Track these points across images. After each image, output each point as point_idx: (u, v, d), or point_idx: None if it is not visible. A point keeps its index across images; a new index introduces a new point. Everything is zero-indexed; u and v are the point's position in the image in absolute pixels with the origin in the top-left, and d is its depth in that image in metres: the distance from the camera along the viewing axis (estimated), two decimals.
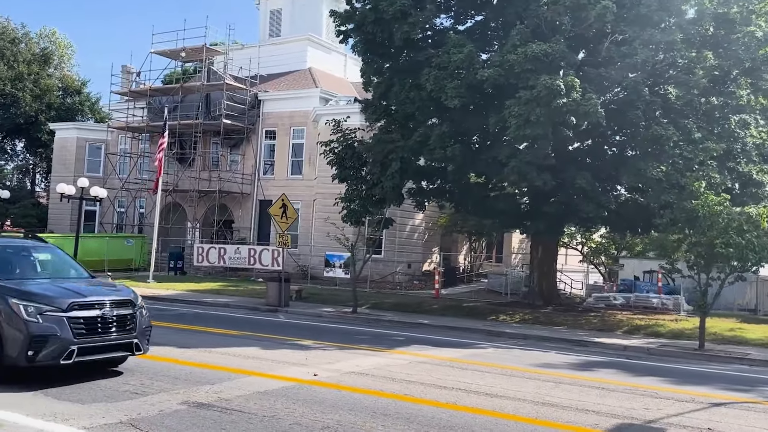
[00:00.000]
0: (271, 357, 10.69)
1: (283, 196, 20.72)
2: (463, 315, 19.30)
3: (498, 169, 16.71)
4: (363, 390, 8.38)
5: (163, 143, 27.48)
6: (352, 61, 40.89)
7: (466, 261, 37.86)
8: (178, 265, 30.89)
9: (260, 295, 23.60)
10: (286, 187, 33.99)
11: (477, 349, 13.04)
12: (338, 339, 13.38)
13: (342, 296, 23.95)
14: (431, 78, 16.25)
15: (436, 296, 25.86)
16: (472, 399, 8.18)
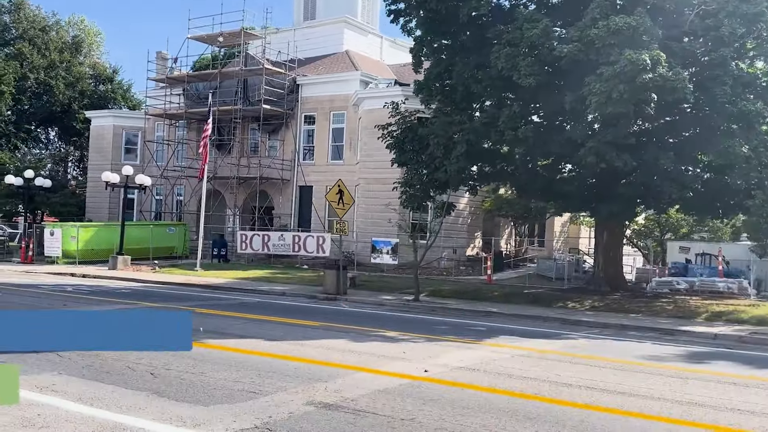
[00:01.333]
0: (366, 350, 10.19)
1: (339, 182, 20.18)
2: (527, 302, 18.68)
3: (572, 150, 15.96)
4: (487, 388, 7.83)
5: (207, 130, 27.04)
6: (387, 43, 40.17)
7: (508, 246, 37.14)
8: (221, 253, 30.61)
9: (311, 282, 23.23)
10: (326, 173, 33.53)
11: (568, 340, 12.43)
12: (419, 329, 12.86)
13: (395, 283, 23.48)
14: (502, 55, 15.50)
15: (488, 282, 25.30)
16: (607, 398, 7.59)
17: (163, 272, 25.62)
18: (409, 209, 30.09)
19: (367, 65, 35.03)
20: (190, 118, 36.24)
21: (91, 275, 24.20)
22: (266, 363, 8.97)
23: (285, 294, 20.04)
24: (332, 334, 11.81)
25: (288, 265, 29.64)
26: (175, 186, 37.08)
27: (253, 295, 19.46)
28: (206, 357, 9.24)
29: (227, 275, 24.64)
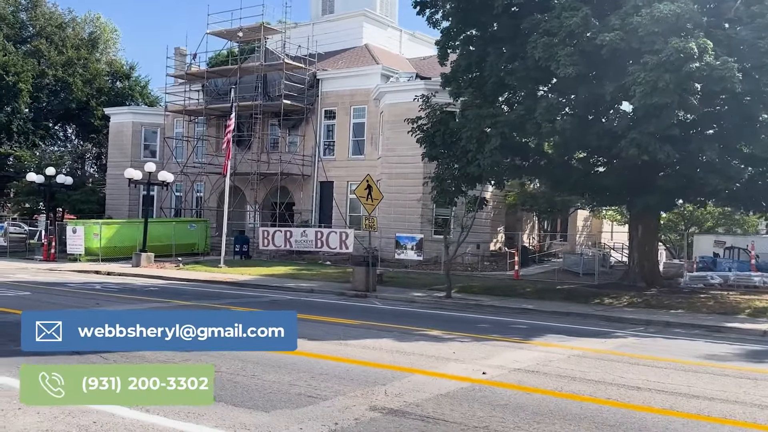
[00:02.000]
0: (414, 350, 9.85)
1: (368, 177, 19.85)
2: (562, 299, 18.26)
3: (611, 142, 15.50)
4: (554, 393, 7.46)
5: (230, 126, 26.79)
6: (406, 36, 39.72)
7: (530, 240, 36.64)
8: (243, 249, 30.37)
9: (337, 278, 22.93)
10: (347, 168, 33.21)
11: (617, 339, 12.02)
12: (461, 328, 12.51)
13: (422, 279, 23.14)
14: (539, 45, 15.05)
15: (515, 278, 24.89)
16: (684, 402, 7.21)
17: (187, 269, 25.43)
18: (433, 205, 29.90)
19: (387, 59, 34.62)
20: (209, 115, 36.03)
21: (115, 273, 24.05)
22: (316, 364, 8.65)
23: (313, 291, 19.74)
24: (374, 333, 11.48)
25: (310, 262, 29.36)
26: (195, 182, 36.90)
27: (281, 293, 19.18)
28: (254, 358, 8.93)
29: (251, 272, 24.39)
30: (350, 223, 32.33)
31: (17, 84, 41.78)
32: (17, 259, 29.90)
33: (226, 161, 27.23)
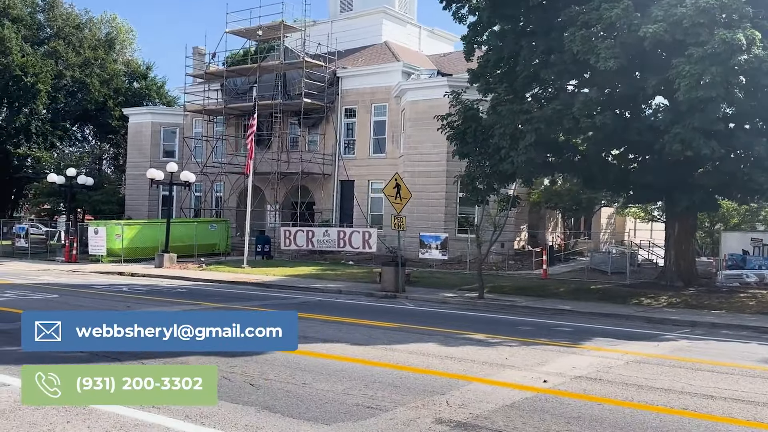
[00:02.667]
0: (464, 355, 9.47)
1: (396, 176, 19.46)
2: (598, 299, 17.80)
3: (653, 138, 15.00)
4: (625, 403, 7.06)
5: (253, 125, 26.52)
6: (425, 33, 39.29)
7: (553, 239, 36.11)
8: (265, 249, 30.11)
9: (362, 279, 22.60)
10: (368, 167, 32.86)
11: (668, 342, 11.57)
12: (504, 331, 12.11)
13: (449, 279, 22.76)
14: (577, 38, 14.58)
15: (543, 277, 24.42)
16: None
17: (210, 270, 25.20)
18: (457, 203, 29.47)
19: (407, 56, 34.21)
20: (228, 114, 35.81)
21: (139, 274, 23.86)
22: (367, 371, 8.30)
23: (341, 292, 19.41)
24: (416, 337, 11.10)
25: (333, 261, 29.04)
26: (214, 182, 36.71)
27: (309, 294, 18.86)
28: (301, 365, 8.61)
29: (275, 272, 24.11)
30: (371, 223, 32.00)
31: (36, 85, 41.82)
32: (39, 261, 29.86)
33: (248, 161, 26.97)
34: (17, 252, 32.53)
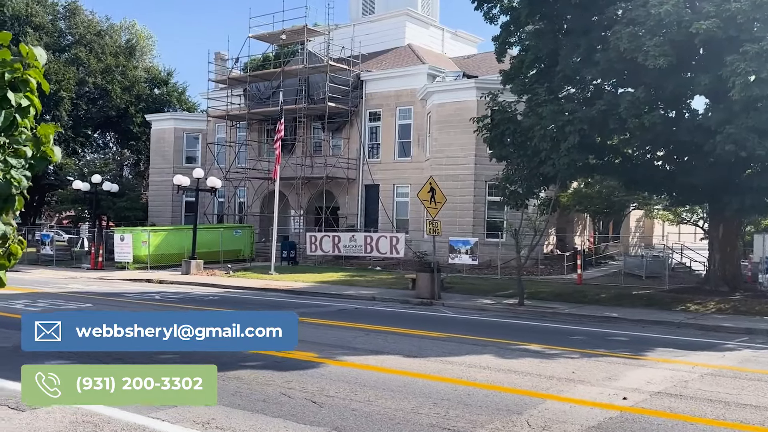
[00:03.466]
0: (526, 369, 9.01)
1: (431, 180, 19.04)
2: (643, 305, 17.23)
3: (703, 138, 14.45)
4: (724, 423, 6.59)
5: (280, 131, 26.26)
6: (448, 35, 38.88)
7: (582, 242, 35.46)
8: (290, 255, 29.80)
9: (393, 285, 22.21)
10: (393, 170, 32.47)
11: (731, 351, 11.06)
12: (558, 341, 11.63)
13: (482, 285, 22.30)
14: (624, 36, 14.09)
15: (578, 283, 23.85)
16: None
17: (238, 276, 24.92)
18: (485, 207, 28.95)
19: (430, 58, 33.81)
20: (251, 119, 35.62)
21: (167, 281, 23.62)
22: (430, 387, 7.87)
23: (375, 299, 19.00)
24: (469, 348, 10.65)
25: (359, 267, 28.65)
26: (238, 188, 36.51)
27: (343, 301, 18.47)
28: (358, 379, 8.20)
29: (304, 279, 23.76)
30: (397, 227, 31.59)
31: (59, 92, 41.97)
32: (64, 268, 29.78)
33: (276, 166, 26.71)
34: (42, 259, 32.49)
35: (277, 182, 27.14)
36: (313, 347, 10.45)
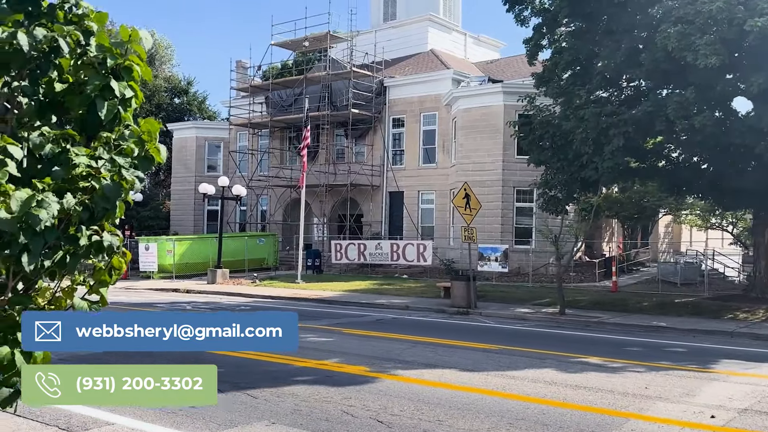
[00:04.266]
0: (594, 384, 8.51)
1: (465, 186, 18.59)
2: (689, 314, 16.63)
3: (755, 140, 13.88)
4: None
5: (306, 138, 25.95)
6: (471, 39, 38.50)
7: (609, 248, 34.76)
8: (315, 263, 29.43)
9: (425, 294, 21.76)
10: (417, 177, 32.03)
11: None
12: (614, 353, 11.11)
13: (515, 293, 21.79)
14: (673, 35, 13.57)
15: (613, 290, 23.28)
16: None
17: (265, 285, 24.57)
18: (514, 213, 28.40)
19: (453, 63, 33.41)
20: (274, 127, 35.40)
21: (194, 290, 23.33)
22: (499, 405, 7.40)
23: (409, 308, 18.54)
24: (526, 362, 10.16)
25: (386, 275, 28.20)
26: (260, 196, 36.26)
27: (377, 310, 18.03)
28: (420, 396, 7.75)
29: (332, 287, 23.36)
30: (423, 234, 31.14)
31: None
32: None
33: (302, 173, 26.38)
34: None
35: (303, 190, 26.78)
36: (362, 360, 10.03)
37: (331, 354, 10.57)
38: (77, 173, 2.75)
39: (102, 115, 2.73)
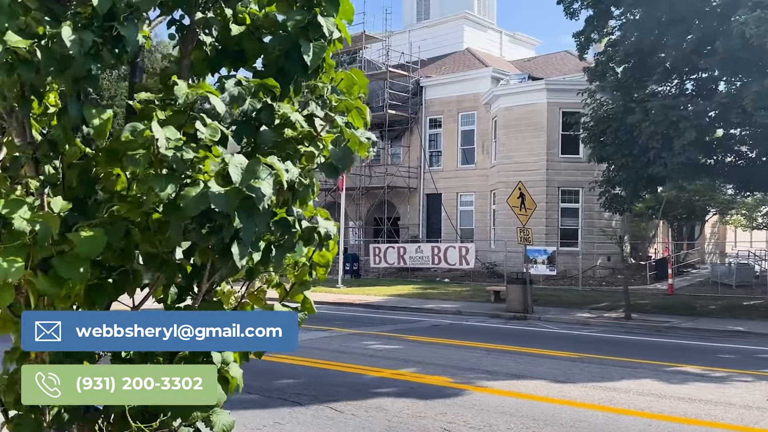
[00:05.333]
0: (708, 396, 7.73)
1: (520, 185, 17.82)
2: (760, 317, 15.75)
3: None
4: None
5: None
6: (506, 37, 37.71)
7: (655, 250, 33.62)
8: (353, 268, 28.82)
9: (472, 298, 21.00)
10: (455, 178, 31.29)
11: None
12: (711, 361, 10.31)
13: (568, 297, 20.94)
14: (750, 21, 12.70)
15: (669, 293, 22.28)
16: None
17: None
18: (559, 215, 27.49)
19: (490, 62, 32.64)
20: None
21: None
22: (617, 423, 6.65)
23: (461, 313, 17.80)
24: (618, 371, 9.38)
25: (426, 279, 27.50)
26: None
27: (429, 316, 17.32)
28: (520, 410, 7.04)
29: (375, 291, 22.72)
30: (462, 237, 30.37)
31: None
32: None
33: (341, 175, 25.74)
34: None
35: (343, 193, 26.22)
36: (441, 370, 9.34)
37: (404, 363, 9.89)
38: (292, 135, 2.13)
39: (308, 60, 2.10)
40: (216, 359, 2.33)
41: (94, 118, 2.07)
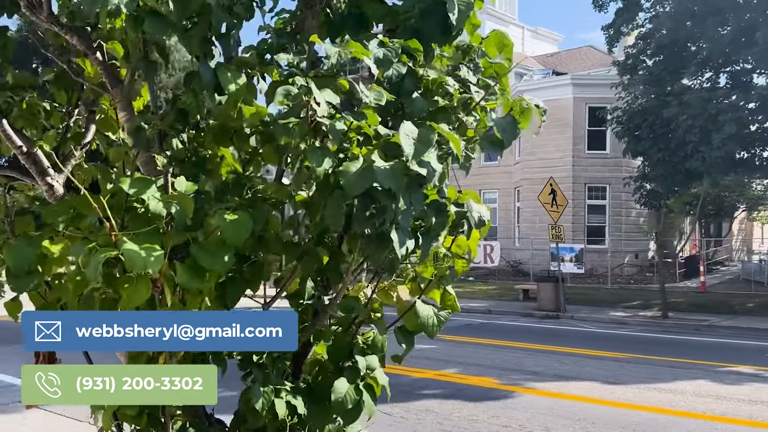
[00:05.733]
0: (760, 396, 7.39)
1: (551, 181, 17.51)
2: None
3: None
4: None
5: None
6: (528, 33, 37.30)
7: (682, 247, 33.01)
8: None
9: (501, 296, 20.74)
10: (478, 176, 30.86)
11: None
12: (761, 361, 9.92)
13: (598, 296, 20.59)
14: None
15: (701, 291, 21.85)
16: None
17: None
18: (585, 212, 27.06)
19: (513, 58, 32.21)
20: None
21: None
22: (680, 426, 6.36)
23: (491, 312, 17.53)
24: (668, 372, 9.06)
25: None
26: None
27: (458, 314, 16.98)
28: (575, 413, 6.77)
29: None
30: (486, 235, 29.99)
31: None
32: None
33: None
34: None
35: None
36: (484, 371, 9.09)
37: (445, 363, 9.66)
38: (449, 104, 1.91)
39: (453, 19, 1.88)
40: (361, 365, 2.10)
41: (230, 82, 1.84)
